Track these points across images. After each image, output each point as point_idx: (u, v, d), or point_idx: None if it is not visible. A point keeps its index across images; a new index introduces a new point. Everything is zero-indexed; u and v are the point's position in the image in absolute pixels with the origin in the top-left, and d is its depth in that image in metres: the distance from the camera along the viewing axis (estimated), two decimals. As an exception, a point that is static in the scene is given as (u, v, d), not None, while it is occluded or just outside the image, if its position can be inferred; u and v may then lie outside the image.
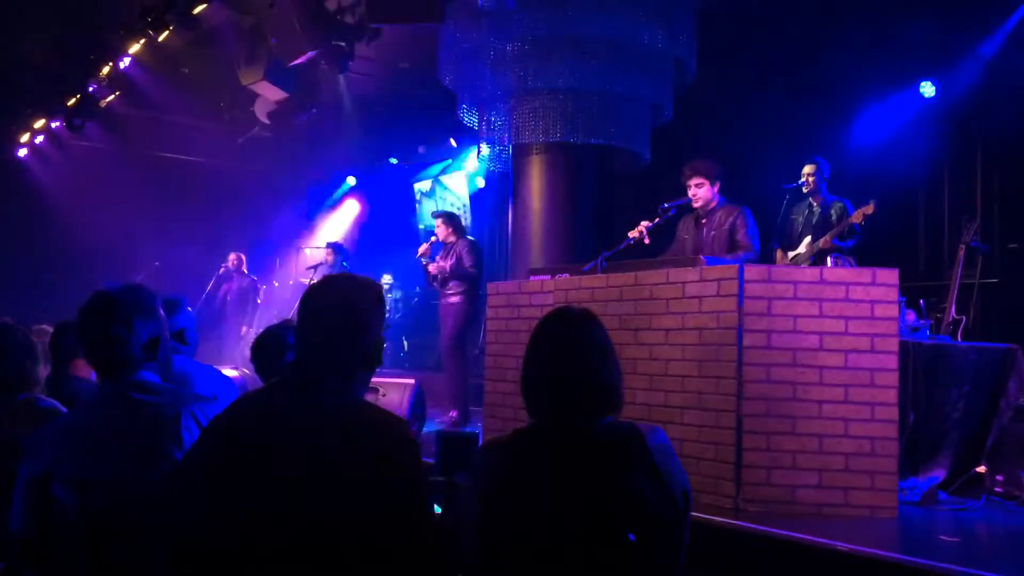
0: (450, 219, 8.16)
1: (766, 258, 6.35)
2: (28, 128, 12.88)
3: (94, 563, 2.06)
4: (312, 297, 2.02)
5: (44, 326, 3.97)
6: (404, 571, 1.80)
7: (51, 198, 12.97)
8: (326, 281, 2.08)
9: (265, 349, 3.27)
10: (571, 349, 2.12)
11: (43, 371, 3.27)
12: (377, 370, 2.10)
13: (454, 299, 7.64)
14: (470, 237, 8.19)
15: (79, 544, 2.07)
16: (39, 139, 13.13)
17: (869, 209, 5.97)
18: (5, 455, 2.61)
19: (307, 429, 1.85)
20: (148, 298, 2.33)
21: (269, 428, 1.87)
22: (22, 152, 13.43)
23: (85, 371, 3.60)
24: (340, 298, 2.01)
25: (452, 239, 7.95)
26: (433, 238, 8.20)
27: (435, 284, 7.84)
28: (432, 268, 7.72)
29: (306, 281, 10.76)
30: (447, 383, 7.69)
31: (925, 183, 8.18)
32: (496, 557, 2.04)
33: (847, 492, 4.04)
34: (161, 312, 2.38)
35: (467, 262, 7.68)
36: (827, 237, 6.22)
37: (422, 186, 13.42)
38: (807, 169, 6.57)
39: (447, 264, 7.67)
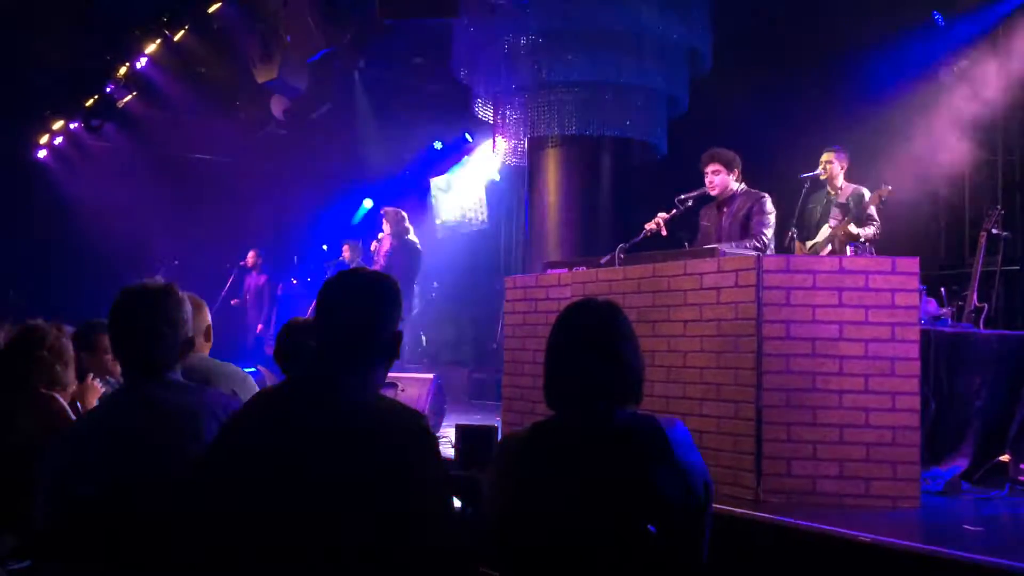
0: (393, 217, 8.49)
1: (785, 248, 6.31)
2: (47, 129, 12.99)
3: (116, 561, 2.08)
4: (329, 292, 2.02)
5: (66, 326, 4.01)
6: (425, 566, 1.80)
7: (70, 199, 13.07)
8: (342, 275, 2.08)
9: (287, 344, 3.28)
10: (598, 339, 2.12)
11: (72, 373, 3.30)
12: (396, 364, 2.10)
13: None
14: (410, 238, 8.49)
15: (101, 542, 2.09)
16: (58, 140, 13.24)
17: (884, 191, 5.91)
18: (30, 455, 2.63)
19: (325, 424, 1.85)
20: (182, 297, 2.34)
21: (288, 424, 1.88)
22: (41, 153, 13.54)
23: (104, 371, 3.63)
24: (356, 292, 2.01)
25: (388, 236, 8.34)
26: (381, 234, 8.44)
27: None
28: None
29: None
30: None
31: (946, 171, 8.10)
32: (517, 550, 2.04)
33: (868, 482, 4.02)
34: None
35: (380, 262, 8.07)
36: (843, 223, 6.17)
37: (438, 181, 13.43)
38: (825, 157, 6.53)
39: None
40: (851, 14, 7.86)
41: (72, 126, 12.63)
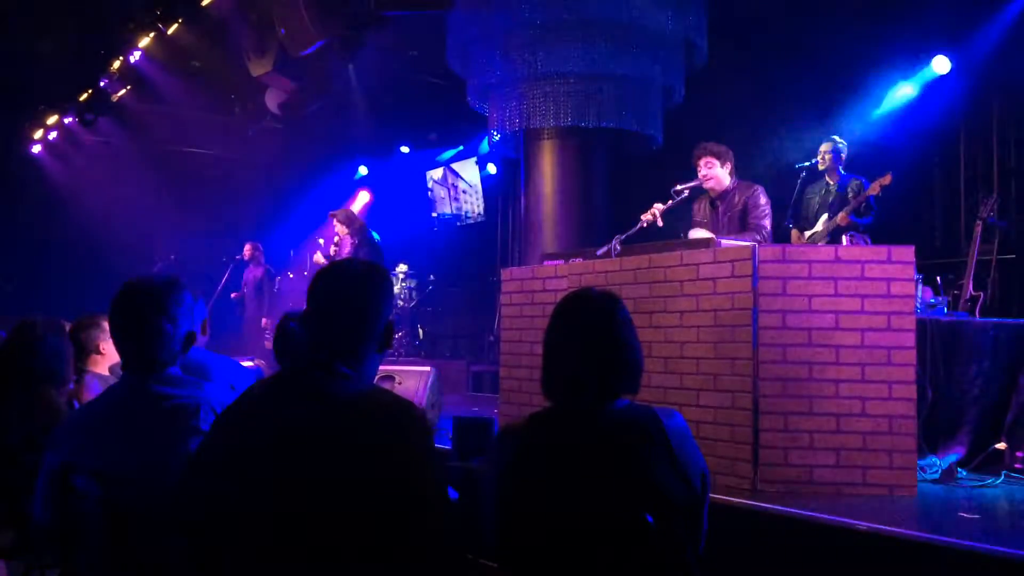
0: (345, 217, 8.76)
1: (781, 238, 6.31)
2: (42, 124, 12.95)
3: (114, 552, 2.09)
4: (319, 283, 2.02)
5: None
6: (421, 557, 1.80)
7: (66, 194, 13.04)
8: (332, 267, 2.08)
9: (284, 337, 3.28)
10: (598, 330, 2.12)
11: (70, 369, 3.30)
12: (393, 357, 2.11)
13: None
14: (374, 234, 8.75)
15: (99, 534, 2.09)
16: (53, 135, 13.20)
17: (886, 180, 5.93)
18: (28, 449, 2.64)
19: (318, 415, 1.85)
20: (185, 291, 2.34)
21: (281, 414, 1.88)
22: (36, 148, 13.50)
23: (101, 366, 3.63)
24: (346, 282, 2.01)
25: (347, 236, 8.59)
26: (337, 237, 8.78)
27: None
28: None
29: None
30: None
31: (941, 159, 8.11)
32: (514, 541, 2.05)
33: (865, 471, 4.03)
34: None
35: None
36: (843, 213, 6.18)
37: (434, 174, 13.42)
38: (824, 147, 6.54)
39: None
40: (847, 2, 7.86)
41: (66, 120, 12.60)
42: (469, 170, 12.70)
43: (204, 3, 9.45)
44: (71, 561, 2.18)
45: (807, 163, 6.59)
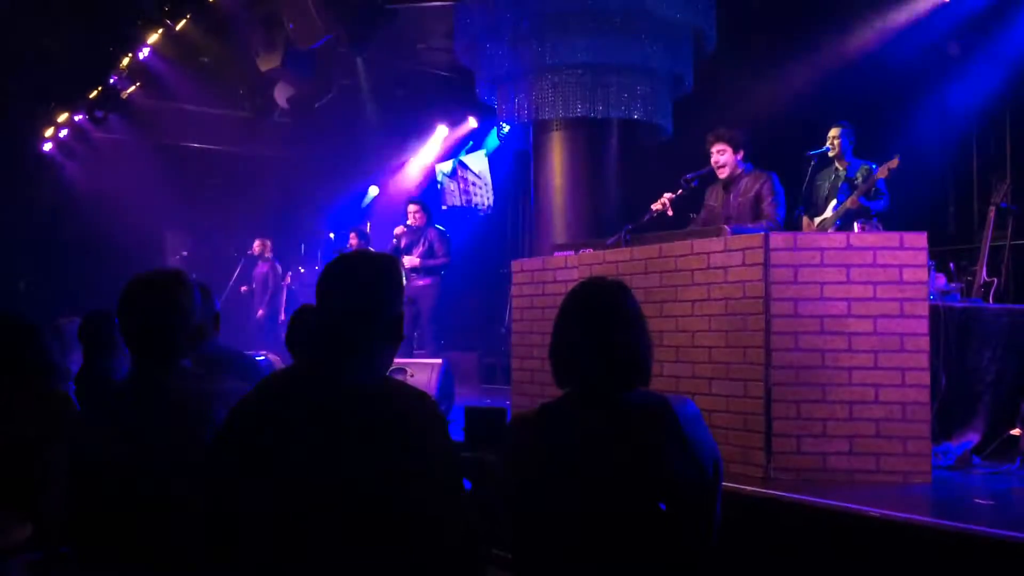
0: (425, 207, 8.98)
1: (793, 225, 6.28)
2: (52, 122, 13.00)
3: (128, 545, 2.10)
4: (328, 275, 2.02)
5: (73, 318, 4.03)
6: (435, 547, 1.80)
7: (76, 191, 13.10)
8: (341, 259, 2.08)
9: (298, 330, 3.30)
10: (606, 318, 2.12)
11: (77, 361, 3.32)
12: (404, 350, 2.11)
13: (423, 282, 8.51)
14: (439, 226, 8.97)
15: (114, 526, 2.10)
16: (63, 133, 13.25)
17: (894, 163, 5.89)
18: (42, 442, 2.65)
19: (331, 406, 1.85)
20: (193, 284, 2.35)
21: (293, 406, 1.88)
22: (47, 146, 13.56)
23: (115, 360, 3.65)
24: (353, 275, 2.01)
25: (423, 226, 8.79)
26: (410, 221, 8.85)
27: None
28: (406, 262, 8.47)
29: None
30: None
31: (954, 145, 8.06)
32: (527, 531, 2.05)
33: (879, 458, 4.02)
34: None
35: (439, 250, 8.62)
36: (853, 196, 6.15)
37: (443, 166, 13.41)
38: (833, 132, 6.50)
39: (418, 254, 8.60)
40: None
41: (77, 118, 12.65)
42: (479, 162, 12.69)
43: (211, -1, 9.47)
44: (84, 553, 2.20)
45: (817, 150, 6.55)
